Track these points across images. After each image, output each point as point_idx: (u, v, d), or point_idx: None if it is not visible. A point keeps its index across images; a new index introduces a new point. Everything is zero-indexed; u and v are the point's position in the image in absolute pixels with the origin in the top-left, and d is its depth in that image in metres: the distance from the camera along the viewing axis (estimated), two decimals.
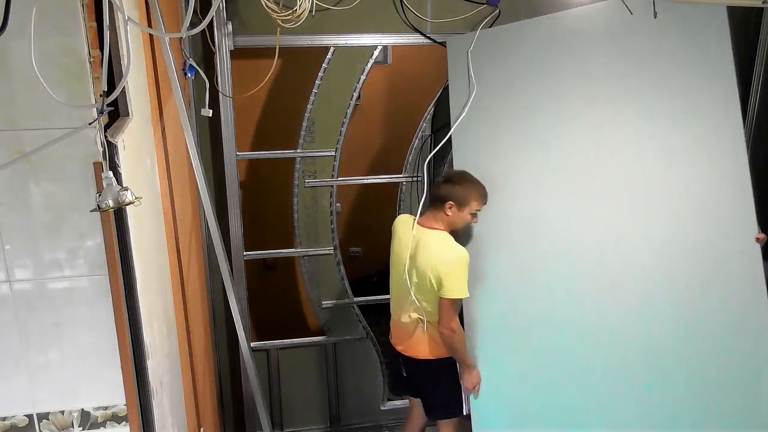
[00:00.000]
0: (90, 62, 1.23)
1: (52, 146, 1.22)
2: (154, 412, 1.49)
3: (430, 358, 2.53)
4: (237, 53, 2.72)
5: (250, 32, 2.69)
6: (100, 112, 1.23)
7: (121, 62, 1.46)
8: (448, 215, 2.40)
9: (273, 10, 2.24)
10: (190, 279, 2.43)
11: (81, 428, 1.40)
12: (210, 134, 2.89)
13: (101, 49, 1.26)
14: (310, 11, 2.34)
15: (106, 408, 1.41)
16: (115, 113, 1.49)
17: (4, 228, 1.27)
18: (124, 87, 1.45)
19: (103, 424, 1.41)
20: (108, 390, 1.39)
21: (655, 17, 2.86)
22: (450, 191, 2.40)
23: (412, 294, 2.41)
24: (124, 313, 1.37)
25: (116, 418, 1.41)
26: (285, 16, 2.22)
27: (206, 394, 2.67)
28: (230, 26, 2.64)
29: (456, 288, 2.33)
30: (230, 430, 3.25)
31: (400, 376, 2.71)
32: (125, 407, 1.41)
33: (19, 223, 1.27)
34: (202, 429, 2.41)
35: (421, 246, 2.40)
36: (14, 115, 1.22)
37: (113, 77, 1.40)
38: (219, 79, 2.68)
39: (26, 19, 1.10)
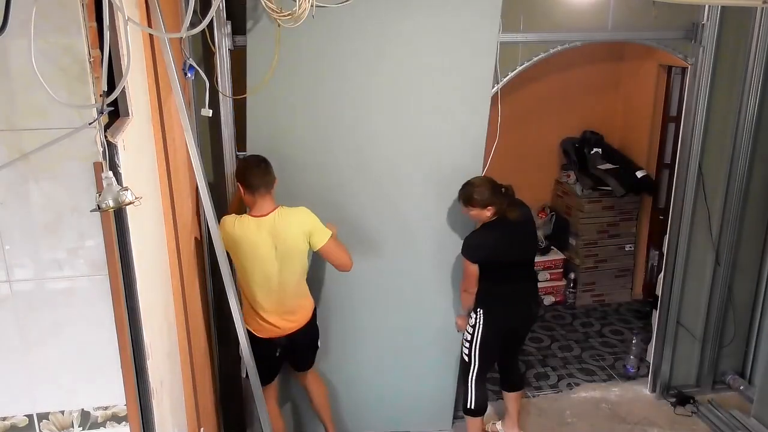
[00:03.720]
0: (90, 62, 1.23)
1: (52, 146, 1.22)
2: (154, 412, 1.49)
3: (312, 313, 2.83)
4: (237, 53, 2.72)
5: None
6: (100, 112, 1.23)
7: (121, 62, 1.45)
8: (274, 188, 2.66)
9: (273, 10, 2.23)
10: (190, 279, 2.42)
11: (81, 428, 1.40)
12: (210, 134, 2.89)
13: (101, 49, 1.26)
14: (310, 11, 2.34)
15: (106, 408, 1.40)
16: (115, 113, 1.49)
17: (4, 228, 1.27)
18: (124, 87, 1.45)
19: (103, 424, 1.41)
20: (108, 390, 1.39)
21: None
22: (271, 170, 2.63)
23: (294, 274, 2.67)
24: (124, 313, 1.37)
25: (116, 418, 1.41)
26: (285, 16, 2.22)
27: (206, 394, 2.67)
28: (230, 26, 2.64)
29: (323, 232, 2.64)
30: (230, 430, 3.25)
31: (273, 362, 2.84)
32: (125, 407, 1.40)
33: (19, 223, 1.27)
34: (202, 429, 2.40)
35: (278, 228, 2.60)
36: (14, 115, 1.21)
37: (113, 77, 1.40)
38: (219, 79, 2.68)
39: (26, 19, 1.10)
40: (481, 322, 2.97)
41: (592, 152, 4.70)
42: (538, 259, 4.75)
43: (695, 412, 3.55)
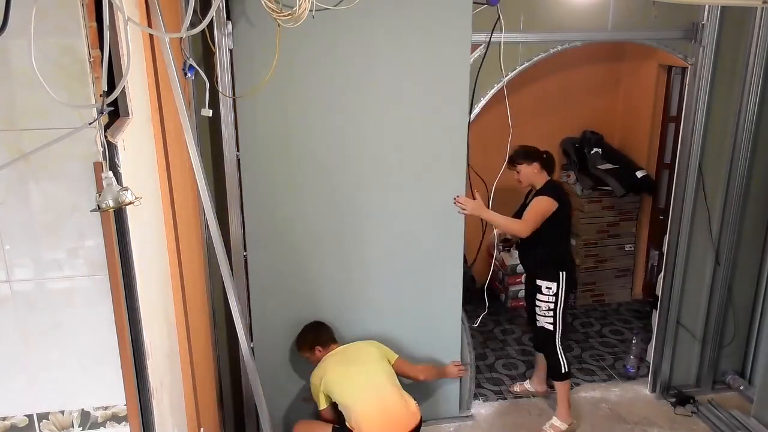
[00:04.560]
0: (90, 62, 1.23)
1: (52, 146, 1.22)
2: (154, 412, 1.49)
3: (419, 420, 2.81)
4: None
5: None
6: (100, 112, 1.23)
7: (121, 62, 1.45)
8: None
9: (273, 10, 2.23)
10: (190, 279, 2.42)
11: (81, 428, 1.40)
12: (210, 134, 2.88)
13: (101, 49, 1.26)
14: (310, 11, 2.34)
15: (106, 408, 1.40)
16: (115, 113, 1.49)
17: (4, 228, 1.27)
18: (124, 87, 1.45)
19: (103, 424, 1.41)
20: (108, 390, 1.39)
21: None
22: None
23: (382, 372, 2.82)
24: (124, 313, 1.37)
25: (116, 418, 1.41)
26: (285, 16, 2.21)
27: (206, 394, 2.67)
28: (230, 26, 2.64)
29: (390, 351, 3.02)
30: (230, 430, 3.25)
31: None
32: (125, 407, 1.40)
33: (19, 223, 1.27)
34: (202, 429, 2.40)
35: (349, 349, 2.95)
36: (14, 115, 1.21)
37: (113, 77, 1.40)
38: (219, 79, 2.68)
39: (26, 19, 1.10)
40: (564, 285, 3.19)
41: (592, 152, 4.70)
42: None
43: (695, 412, 3.55)
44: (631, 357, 3.90)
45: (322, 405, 2.82)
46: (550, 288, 3.20)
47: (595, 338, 4.42)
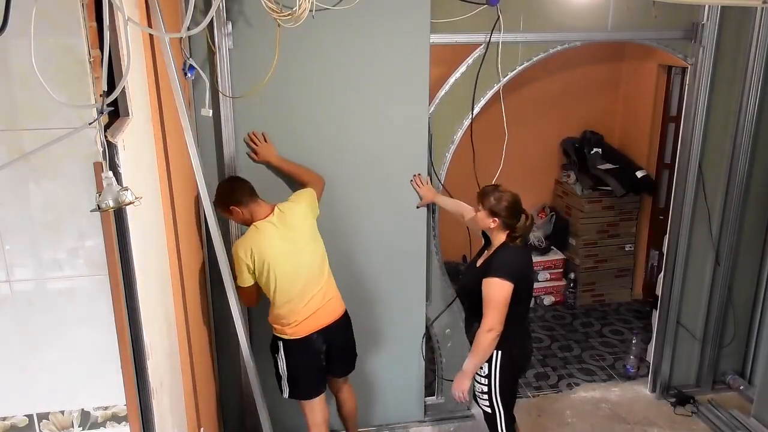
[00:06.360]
0: (90, 62, 1.23)
1: (52, 146, 1.22)
2: (154, 412, 1.49)
3: (345, 308, 2.84)
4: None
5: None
6: (100, 112, 1.23)
7: (121, 62, 1.45)
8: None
9: (273, 10, 2.23)
10: (190, 279, 2.42)
11: (81, 428, 1.40)
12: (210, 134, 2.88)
13: (101, 49, 1.26)
14: (310, 11, 2.34)
15: (106, 408, 1.40)
16: (115, 113, 1.49)
17: (4, 228, 1.27)
18: (124, 87, 1.45)
19: (103, 424, 1.41)
20: (108, 390, 1.39)
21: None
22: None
23: (316, 255, 2.72)
24: (124, 313, 1.37)
25: (116, 418, 1.41)
26: (285, 16, 2.21)
27: (206, 394, 2.67)
28: (230, 26, 2.64)
29: (310, 191, 2.78)
30: (230, 430, 3.25)
31: (317, 364, 2.76)
32: (125, 407, 1.41)
33: (19, 223, 1.27)
34: (202, 429, 2.40)
35: (287, 216, 2.65)
36: (14, 115, 1.22)
37: (113, 77, 1.40)
38: (219, 79, 2.68)
39: (26, 19, 1.10)
40: (498, 367, 2.64)
41: (592, 152, 4.70)
42: (538, 259, 4.76)
43: (695, 412, 3.55)
44: (631, 357, 3.90)
45: (247, 282, 2.60)
46: (482, 368, 2.65)
47: (595, 338, 4.42)
